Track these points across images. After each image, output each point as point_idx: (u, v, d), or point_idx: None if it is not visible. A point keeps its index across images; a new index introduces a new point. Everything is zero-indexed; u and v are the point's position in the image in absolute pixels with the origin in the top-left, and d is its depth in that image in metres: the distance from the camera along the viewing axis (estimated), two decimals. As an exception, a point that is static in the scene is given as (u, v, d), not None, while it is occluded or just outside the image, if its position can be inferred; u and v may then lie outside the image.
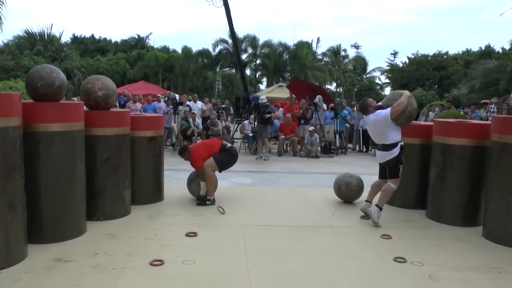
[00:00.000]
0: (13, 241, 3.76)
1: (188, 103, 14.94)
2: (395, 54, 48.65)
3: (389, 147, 5.24)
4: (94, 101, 5.22)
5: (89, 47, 47.52)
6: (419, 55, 41.29)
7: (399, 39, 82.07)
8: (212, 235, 4.78)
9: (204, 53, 38.22)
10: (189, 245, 4.43)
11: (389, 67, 46.15)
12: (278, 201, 6.46)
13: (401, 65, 43.30)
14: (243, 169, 9.78)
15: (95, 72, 29.07)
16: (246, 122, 14.02)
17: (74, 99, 14.16)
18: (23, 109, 3.95)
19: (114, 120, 5.28)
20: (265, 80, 42.75)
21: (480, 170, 5.29)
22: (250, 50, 38.05)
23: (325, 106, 14.09)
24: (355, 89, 45.77)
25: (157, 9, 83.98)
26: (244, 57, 36.46)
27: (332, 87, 47.29)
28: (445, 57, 40.46)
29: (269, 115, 12.08)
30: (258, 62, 38.99)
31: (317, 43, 45.28)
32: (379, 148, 5.40)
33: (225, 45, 36.70)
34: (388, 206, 5.67)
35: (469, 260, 4.22)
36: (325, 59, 45.01)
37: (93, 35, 51.16)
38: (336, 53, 46.21)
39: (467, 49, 43.37)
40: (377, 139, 5.39)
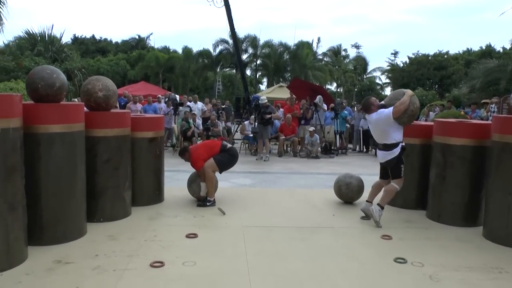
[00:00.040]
0: (14, 243, 3.76)
1: (188, 103, 14.95)
2: (395, 54, 48.73)
3: (390, 146, 5.24)
4: (94, 102, 5.23)
5: (90, 47, 47.55)
6: (420, 54, 41.30)
7: (400, 39, 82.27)
8: (212, 236, 4.78)
9: (204, 54, 38.21)
10: (189, 246, 4.43)
11: (389, 67, 46.15)
12: (278, 201, 6.46)
13: (401, 65, 43.30)
14: (243, 170, 9.78)
15: (96, 72, 29.11)
16: (246, 122, 14.02)
17: (74, 100, 14.16)
18: (24, 110, 3.95)
19: (114, 121, 5.28)
20: (265, 80, 42.75)
21: (480, 170, 5.29)
22: (250, 50, 38.06)
23: (325, 106, 14.10)
24: (356, 89, 45.76)
25: (158, 10, 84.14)
26: (244, 57, 36.45)
27: (332, 87, 47.31)
28: (445, 56, 40.47)
29: (269, 116, 12.08)
30: (258, 62, 38.98)
31: (317, 43, 45.33)
32: (380, 148, 5.40)
33: (225, 45, 36.69)
34: (388, 206, 5.67)
35: (469, 260, 4.22)
36: (325, 59, 45.00)
37: (93, 36, 51.27)
38: (336, 53, 46.19)
39: (467, 49, 43.41)
40: (378, 138, 5.39)
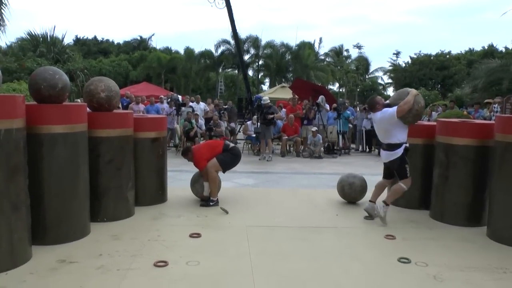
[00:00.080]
0: (17, 243, 3.77)
1: (191, 104, 14.96)
2: (397, 54, 48.62)
3: (393, 146, 5.24)
4: (97, 102, 5.24)
5: (92, 48, 47.62)
6: (422, 55, 41.24)
7: (402, 39, 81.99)
8: (215, 236, 4.78)
9: (206, 54, 38.22)
10: (192, 246, 4.43)
11: (391, 67, 46.10)
12: (281, 201, 6.46)
13: (403, 65, 43.27)
14: (246, 170, 9.78)
15: (98, 73, 29.15)
16: (249, 123, 14.01)
17: (77, 100, 14.19)
18: (27, 111, 3.97)
19: (117, 121, 5.29)
20: (267, 80, 42.72)
21: (483, 170, 5.27)
22: (252, 50, 38.00)
23: (328, 106, 14.10)
24: (358, 89, 45.69)
25: (160, 10, 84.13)
26: (246, 57, 36.45)
27: (334, 87, 47.25)
28: (447, 56, 40.41)
29: (272, 116, 12.07)
30: (260, 62, 38.96)
31: (319, 44, 45.26)
32: (384, 147, 5.40)
33: (227, 46, 36.66)
34: (392, 206, 5.64)
35: (473, 260, 4.20)
36: (327, 59, 44.99)
37: (95, 37, 51.32)
38: (338, 53, 46.16)
39: (469, 49, 43.29)
40: (382, 138, 5.39)
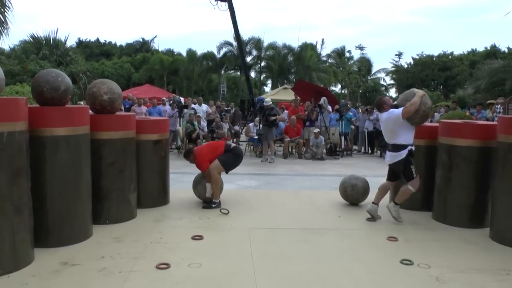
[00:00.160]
0: (20, 245, 3.78)
1: (193, 106, 14.99)
2: (399, 55, 48.52)
3: (397, 147, 5.24)
4: (99, 105, 5.25)
5: (94, 51, 47.78)
6: (424, 55, 41.23)
7: (404, 40, 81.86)
8: (218, 238, 4.78)
9: (208, 56, 38.31)
10: (195, 248, 4.44)
11: (394, 68, 46.03)
12: (283, 203, 6.45)
13: (406, 66, 43.23)
14: (248, 172, 9.78)
15: (100, 76, 29.23)
16: (251, 124, 14.02)
17: (80, 103, 14.23)
18: (29, 113, 3.98)
19: (119, 123, 5.30)
20: (270, 82, 42.77)
21: (486, 171, 5.25)
22: (254, 52, 38.08)
23: (330, 108, 14.09)
24: (360, 91, 45.66)
25: (162, 12, 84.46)
26: (248, 59, 36.47)
27: (337, 88, 47.22)
28: (450, 57, 40.38)
29: (274, 118, 12.08)
30: (262, 64, 39.02)
31: (321, 45, 45.25)
32: (389, 148, 5.41)
33: (229, 47, 36.77)
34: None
35: (476, 262, 4.19)
36: (329, 60, 44.99)
37: (98, 39, 51.52)
38: (340, 54, 46.13)
39: (472, 49, 43.24)
40: (388, 138, 5.40)
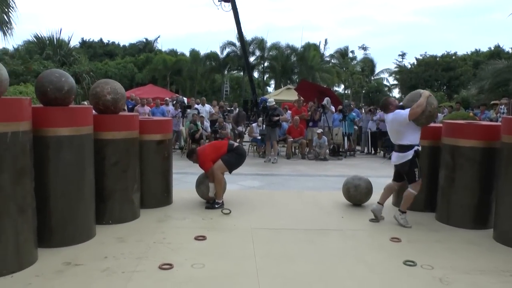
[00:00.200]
0: (23, 245, 3.79)
1: (196, 106, 15.00)
2: (403, 55, 48.49)
3: (404, 148, 5.24)
4: (103, 105, 5.26)
5: (98, 51, 47.86)
6: (427, 56, 41.10)
7: (407, 40, 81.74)
8: (220, 238, 4.78)
9: (212, 56, 38.32)
10: (198, 248, 4.44)
11: (397, 69, 45.96)
12: (286, 204, 6.45)
13: (409, 66, 43.12)
14: (251, 172, 9.78)
15: (104, 76, 29.28)
16: (254, 125, 14.02)
17: (84, 103, 14.24)
18: (33, 113, 3.99)
19: (122, 124, 5.31)
20: (273, 82, 42.76)
21: (490, 171, 5.24)
22: (257, 52, 38.08)
23: (333, 108, 14.08)
24: (363, 91, 45.60)
25: (165, 13, 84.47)
26: (252, 59, 36.51)
27: (340, 89, 47.17)
28: (453, 57, 40.25)
29: (277, 118, 12.08)
30: (266, 64, 39.01)
31: (324, 45, 45.23)
32: (395, 149, 5.41)
33: (233, 47, 36.75)
34: (396, 209, 5.62)
35: (480, 263, 4.18)
36: (332, 61, 44.91)
37: (101, 39, 51.57)
38: (343, 54, 46.07)
39: (476, 50, 43.07)
40: (394, 139, 5.40)
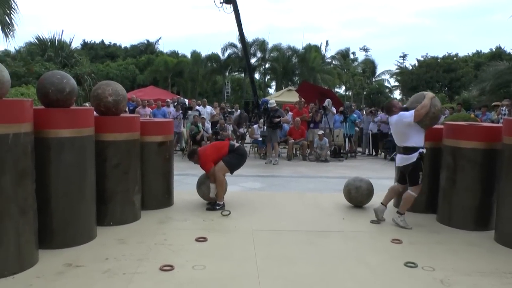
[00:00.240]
0: (25, 246, 3.80)
1: (197, 107, 15.01)
2: (404, 56, 48.44)
3: (408, 150, 5.24)
4: (104, 106, 5.27)
5: (99, 52, 47.96)
6: (429, 57, 41.12)
7: (408, 41, 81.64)
8: (221, 240, 4.78)
9: (213, 58, 38.37)
10: (199, 250, 4.44)
11: (398, 70, 45.96)
12: (287, 205, 6.44)
13: (410, 68, 43.13)
14: (252, 174, 9.78)
15: (105, 77, 29.30)
16: (255, 126, 14.02)
17: (85, 104, 14.27)
18: (34, 115, 4.00)
19: (124, 125, 5.32)
20: (274, 84, 42.77)
21: (491, 173, 5.23)
22: (259, 54, 38.11)
23: (334, 109, 14.07)
24: (365, 93, 45.59)
25: (166, 14, 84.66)
26: (253, 61, 36.53)
27: (341, 90, 47.18)
28: (455, 59, 40.25)
29: (278, 119, 12.08)
30: (267, 66, 39.03)
31: (326, 46, 45.19)
32: (400, 151, 5.41)
33: (234, 49, 36.78)
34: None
35: (481, 265, 4.17)
36: (334, 62, 44.92)
37: (103, 41, 51.71)
38: (345, 56, 46.07)
39: (477, 51, 43.09)
40: (398, 141, 5.40)
